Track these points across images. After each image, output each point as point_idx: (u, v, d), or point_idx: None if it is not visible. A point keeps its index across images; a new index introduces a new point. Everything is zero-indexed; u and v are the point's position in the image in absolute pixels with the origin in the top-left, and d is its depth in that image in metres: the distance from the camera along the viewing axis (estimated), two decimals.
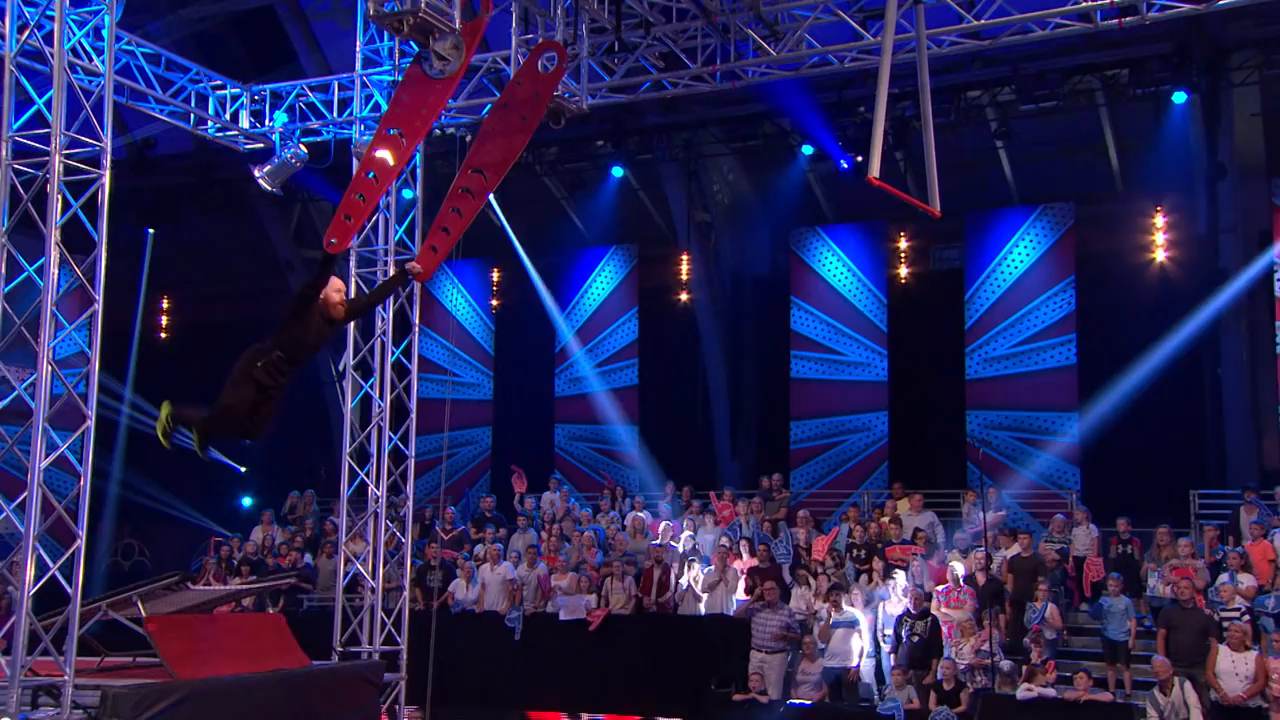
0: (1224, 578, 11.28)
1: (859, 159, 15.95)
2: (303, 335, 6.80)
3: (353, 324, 10.18)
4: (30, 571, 7.59)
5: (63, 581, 7.71)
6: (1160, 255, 15.92)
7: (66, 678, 7.60)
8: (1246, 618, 10.83)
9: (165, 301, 20.95)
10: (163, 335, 20.82)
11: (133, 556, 19.97)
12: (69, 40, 7.94)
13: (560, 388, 18.37)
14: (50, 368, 7.55)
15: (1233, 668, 10.30)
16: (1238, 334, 15.22)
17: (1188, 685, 10.44)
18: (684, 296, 18.29)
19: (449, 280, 19.14)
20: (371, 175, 7.51)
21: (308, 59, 17.09)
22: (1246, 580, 11.21)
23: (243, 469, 18.71)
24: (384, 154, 7.50)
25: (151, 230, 18.34)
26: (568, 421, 18.29)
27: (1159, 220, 15.92)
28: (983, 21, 9.40)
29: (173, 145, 17.58)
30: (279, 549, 15.14)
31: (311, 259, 20.12)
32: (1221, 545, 12.06)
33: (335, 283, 6.88)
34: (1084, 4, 9.11)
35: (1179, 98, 14.62)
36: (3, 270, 7.68)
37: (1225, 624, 10.75)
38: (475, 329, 19.06)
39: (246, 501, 18.85)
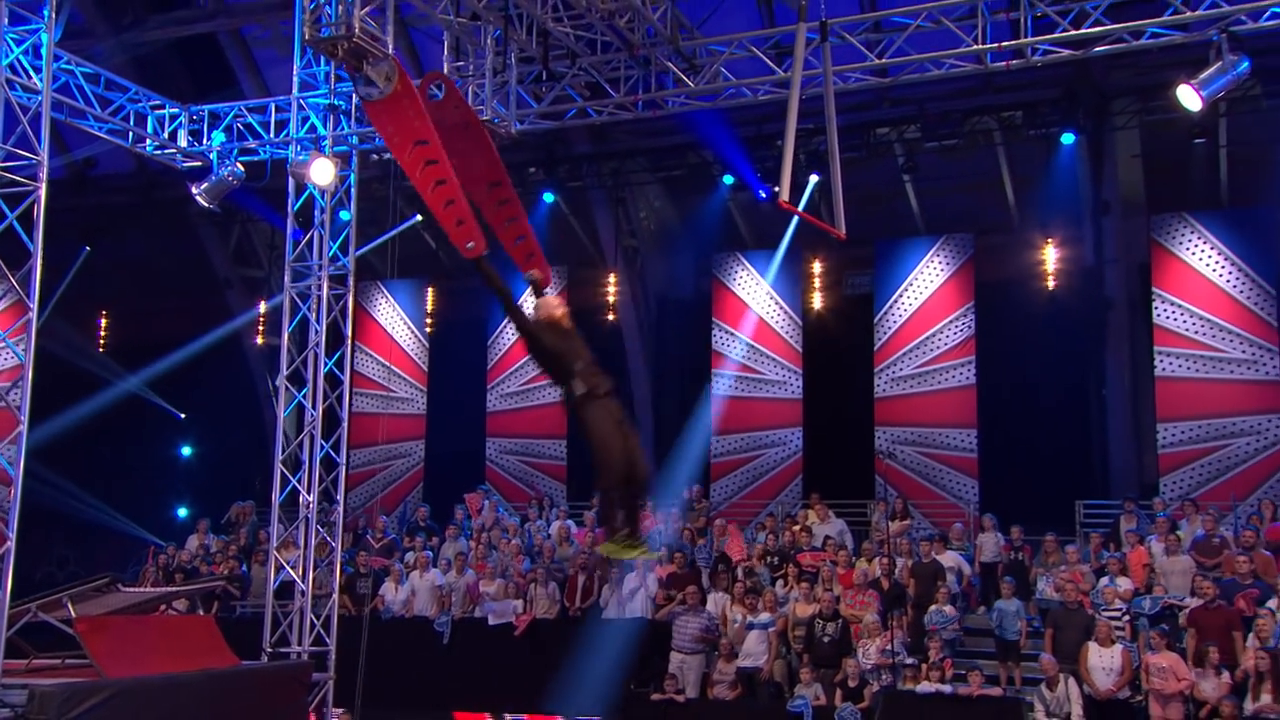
0: (1105, 581, 11.61)
1: (776, 189, 16.19)
2: (564, 347, 6.40)
3: (287, 337, 10.09)
4: None
5: None
6: (1051, 283, 16.32)
7: None
8: (1126, 618, 11.17)
9: (103, 317, 20.52)
10: (100, 349, 20.37)
11: (68, 566, 19.44)
12: (7, 57, 7.81)
13: (492, 403, 18.34)
14: None
15: (1101, 662, 10.58)
16: (1120, 358, 15.74)
17: (1071, 681, 10.71)
18: (611, 317, 18.39)
19: (385, 299, 19.04)
20: (440, 182, 7.24)
21: (248, 83, 16.94)
22: (1125, 584, 11.55)
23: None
24: (430, 162, 7.25)
25: (88, 247, 17.94)
26: (499, 435, 18.26)
27: (1050, 251, 16.34)
28: (885, 60, 9.69)
29: (114, 165, 17.28)
30: (213, 557, 14.87)
31: (251, 277, 19.91)
32: (1105, 551, 12.43)
33: (551, 300, 6.57)
34: (976, 47, 9.46)
35: (1067, 139, 15.14)
36: None
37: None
38: (410, 346, 18.97)
39: (182, 512, 18.50)
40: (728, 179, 16.70)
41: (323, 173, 9.89)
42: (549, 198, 17.63)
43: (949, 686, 11.07)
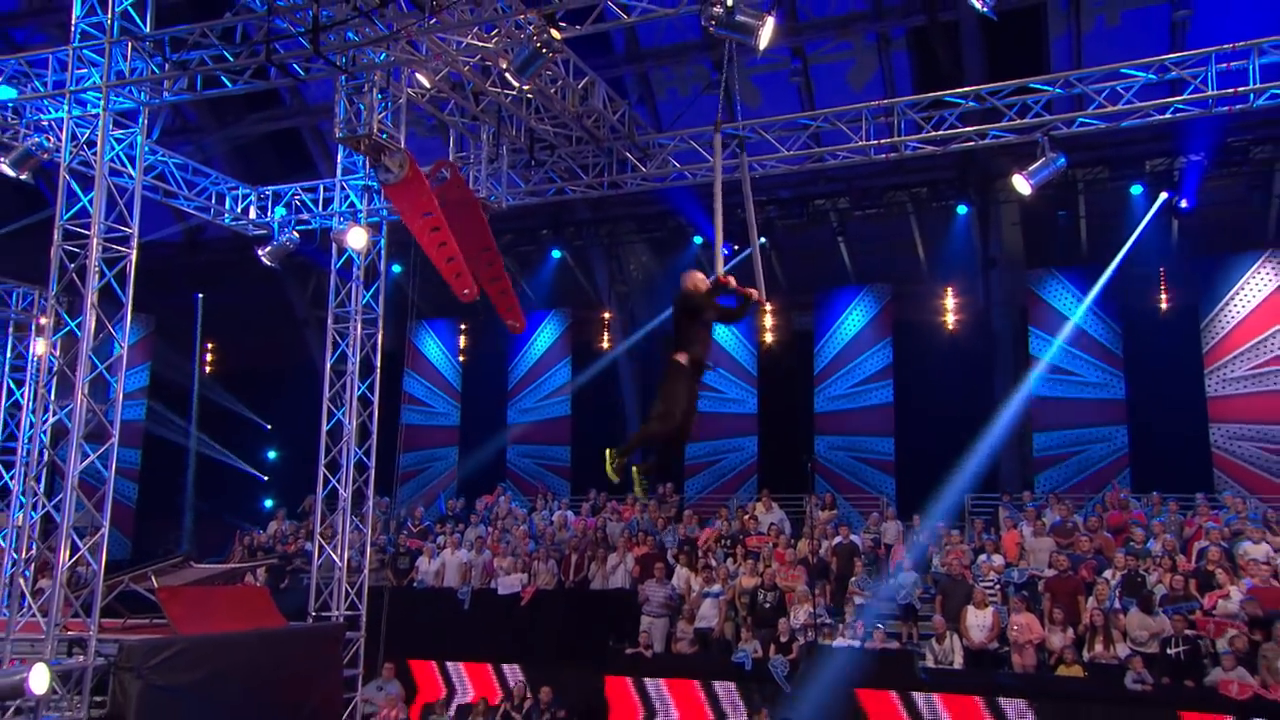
0: (982, 558, 11.63)
1: (736, 247, 16.38)
2: (702, 339, 6.07)
3: (329, 367, 10.30)
4: (65, 552, 7.61)
5: (90, 559, 7.72)
6: (952, 322, 16.50)
7: (91, 633, 7.61)
8: (998, 586, 11.18)
9: (209, 350, 20.87)
10: (207, 374, 20.71)
11: (182, 546, 19.65)
12: (110, 153, 8.10)
13: (512, 416, 18.53)
14: (84, 399, 7.61)
15: (976, 621, 10.60)
16: (1005, 381, 15.75)
17: (954, 637, 10.73)
18: (606, 347, 18.60)
19: (429, 334, 19.31)
20: (442, 244, 7.62)
21: (323, 166, 17.26)
22: (998, 559, 11.57)
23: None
24: (434, 229, 7.62)
25: (200, 295, 18.32)
26: (517, 442, 18.44)
27: (950, 297, 16.50)
28: (792, 152, 9.93)
29: (217, 231, 17.57)
30: (286, 538, 15.04)
31: (324, 318, 20.11)
32: (986, 534, 12.44)
33: (691, 274, 6.21)
34: (863, 143, 9.69)
35: (962, 209, 15.34)
36: (51, 324, 7.76)
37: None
38: (447, 371, 19.22)
39: (269, 503, 18.71)
40: (698, 239, 16.89)
41: (357, 238, 10.12)
42: (556, 253, 17.91)
43: (858, 641, 11.09)
